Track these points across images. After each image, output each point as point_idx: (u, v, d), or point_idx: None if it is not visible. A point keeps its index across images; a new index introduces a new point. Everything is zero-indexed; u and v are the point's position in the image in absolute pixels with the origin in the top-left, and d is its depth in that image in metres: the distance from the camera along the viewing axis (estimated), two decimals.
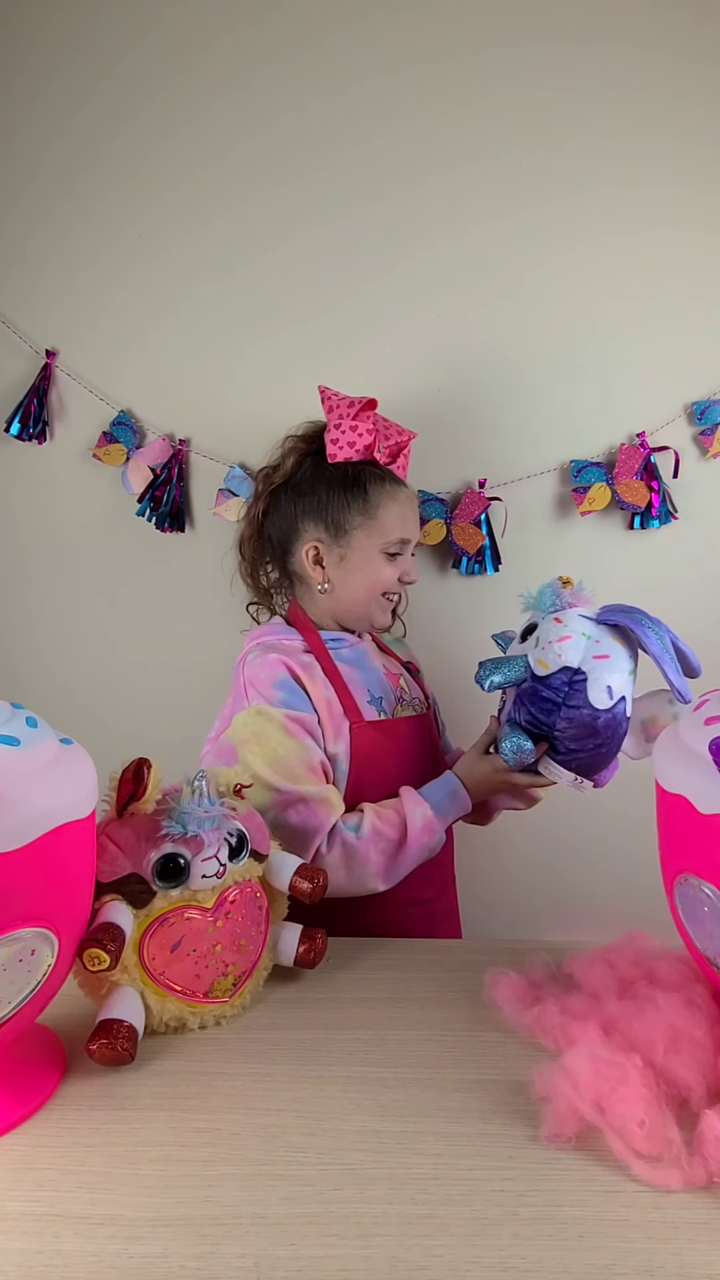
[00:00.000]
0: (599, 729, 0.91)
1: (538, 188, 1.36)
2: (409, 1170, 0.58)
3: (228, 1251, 0.51)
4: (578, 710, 0.90)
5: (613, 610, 0.93)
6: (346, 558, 1.08)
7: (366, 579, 1.09)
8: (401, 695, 1.13)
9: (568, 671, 0.90)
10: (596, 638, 0.91)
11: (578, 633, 0.91)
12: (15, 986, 0.61)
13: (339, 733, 1.03)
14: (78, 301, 1.43)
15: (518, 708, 0.94)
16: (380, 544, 1.08)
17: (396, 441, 1.12)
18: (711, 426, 1.36)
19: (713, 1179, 0.56)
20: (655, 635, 0.88)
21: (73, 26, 1.38)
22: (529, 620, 0.98)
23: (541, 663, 0.91)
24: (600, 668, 0.90)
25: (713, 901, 0.65)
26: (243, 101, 1.37)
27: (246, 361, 1.41)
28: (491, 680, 0.93)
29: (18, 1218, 0.54)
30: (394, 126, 1.37)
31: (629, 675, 0.92)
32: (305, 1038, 0.75)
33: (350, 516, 1.07)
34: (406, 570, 1.11)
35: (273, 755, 0.98)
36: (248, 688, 1.03)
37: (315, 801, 0.97)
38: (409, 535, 1.10)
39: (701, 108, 1.34)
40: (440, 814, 1.00)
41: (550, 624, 0.93)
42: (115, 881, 0.73)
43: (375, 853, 0.97)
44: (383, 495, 1.08)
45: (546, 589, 0.96)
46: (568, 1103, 0.60)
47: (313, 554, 1.09)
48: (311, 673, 1.04)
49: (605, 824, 1.39)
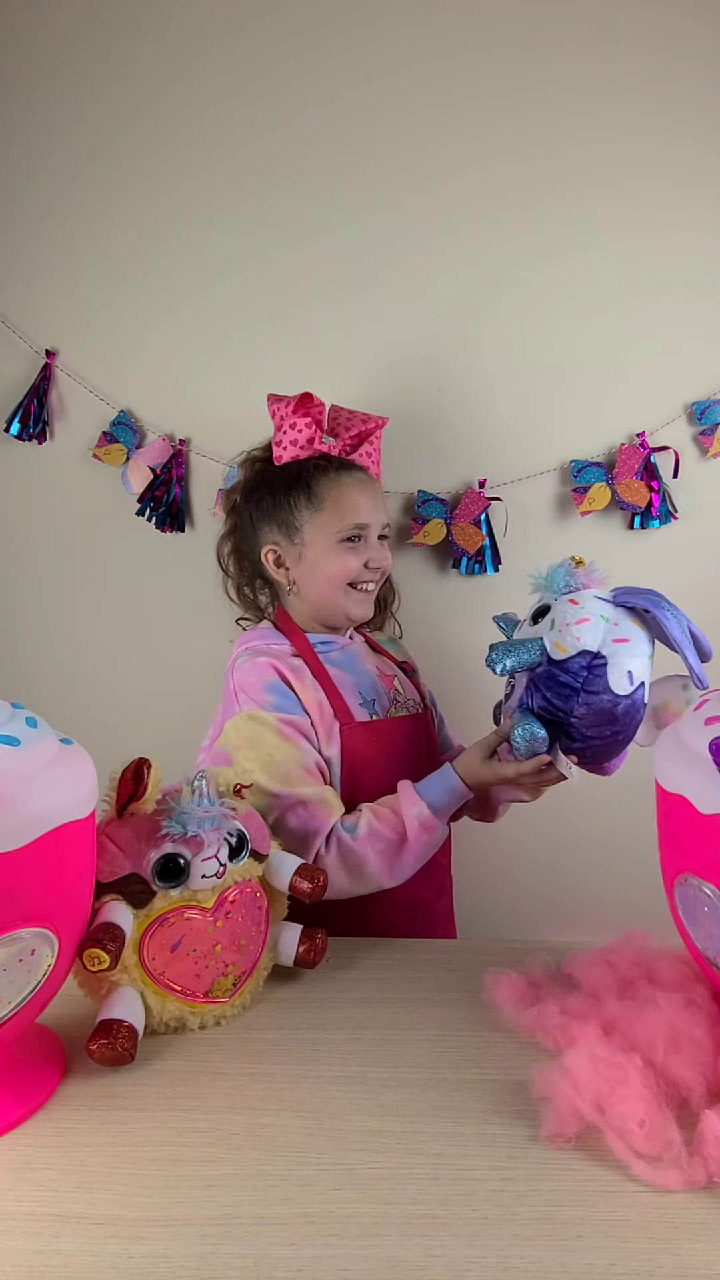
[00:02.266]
0: (618, 716, 0.87)
1: (538, 188, 1.36)
2: (409, 1170, 0.58)
3: (228, 1251, 0.51)
4: (597, 696, 0.86)
5: (630, 592, 0.89)
6: (304, 554, 1.07)
7: (327, 571, 1.06)
8: (395, 696, 1.12)
9: (586, 655, 0.86)
10: (615, 620, 0.87)
11: (596, 615, 0.87)
12: (15, 986, 0.61)
13: (330, 735, 1.02)
14: (78, 301, 1.42)
15: (531, 693, 0.90)
16: (334, 534, 1.06)
17: (360, 431, 1.11)
18: (711, 426, 1.36)
19: (713, 1179, 0.56)
20: (675, 619, 0.84)
21: (73, 27, 1.38)
22: (540, 602, 0.94)
23: (559, 646, 0.86)
24: (621, 652, 0.86)
25: (713, 901, 0.65)
26: (243, 102, 1.37)
27: (247, 361, 1.41)
28: (505, 664, 0.89)
29: (18, 1218, 0.54)
30: (394, 128, 1.37)
31: (648, 660, 0.88)
32: (305, 1038, 0.75)
33: (299, 513, 1.07)
34: (372, 557, 1.08)
35: (268, 759, 0.97)
36: (238, 693, 1.03)
37: (314, 803, 0.96)
38: (364, 520, 1.07)
39: (701, 108, 1.34)
40: (438, 811, 0.99)
41: (566, 605, 0.88)
42: (115, 881, 0.74)
43: (373, 853, 0.96)
44: (327, 484, 1.07)
45: (559, 569, 0.92)
46: (568, 1103, 0.60)
47: (273, 557, 1.09)
48: (301, 676, 1.03)
49: (605, 824, 1.39)
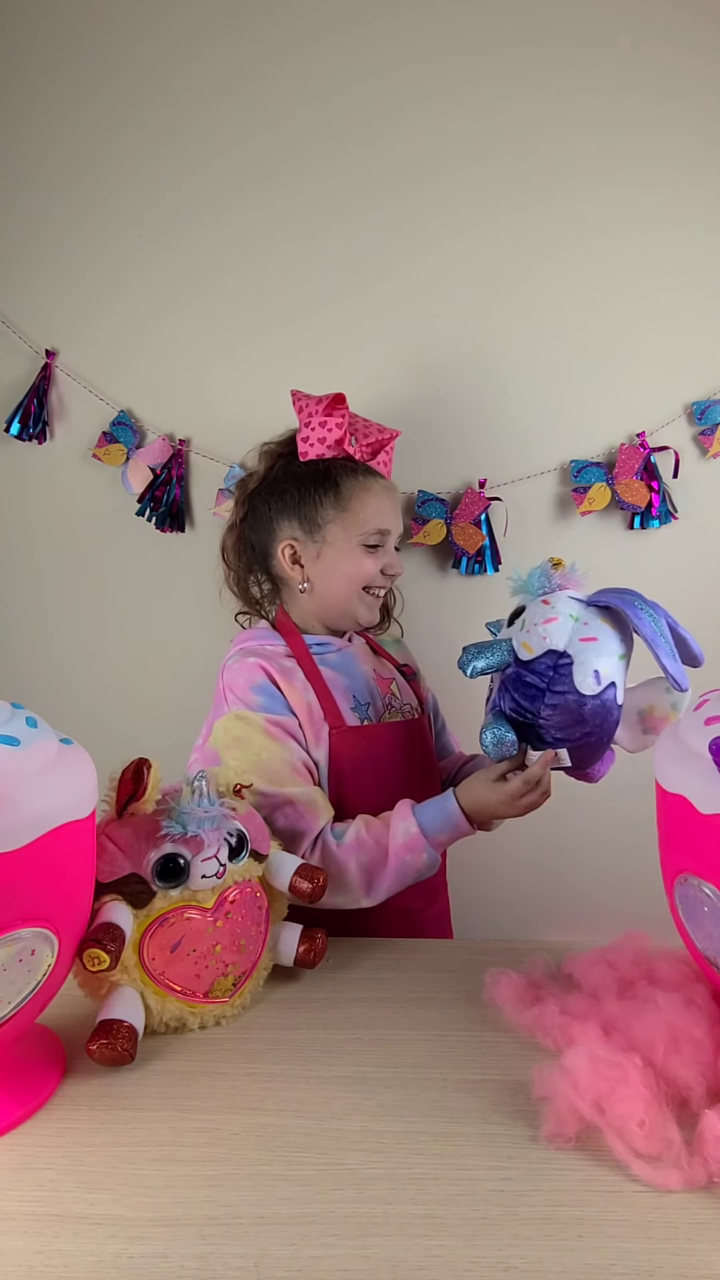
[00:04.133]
0: (586, 716, 0.86)
1: (537, 188, 1.36)
2: (409, 1170, 0.58)
3: (228, 1251, 0.51)
4: (563, 696, 0.85)
5: (605, 592, 0.88)
6: (323, 553, 1.07)
7: (345, 573, 1.06)
8: (391, 701, 1.11)
9: (553, 655, 0.85)
10: (585, 620, 0.86)
11: (564, 614, 0.86)
12: (15, 986, 0.61)
13: (319, 738, 1.02)
14: (78, 301, 1.43)
15: (502, 695, 0.90)
16: (357, 536, 1.06)
17: (378, 439, 1.11)
18: (711, 426, 1.36)
19: (713, 1179, 0.56)
20: (649, 618, 0.82)
21: (74, 27, 1.38)
22: (518, 604, 0.94)
23: (526, 646, 0.86)
24: (587, 651, 0.85)
25: (713, 901, 0.65)
26: (243, 102, 1.38)
27: (247, 362, 1.41)
28: (474, 666, 0.89)
29: (18, 1218, 0.54)
30: (394, 128, 1.37)
31: (619, 660, 0.87)
32: (305, 1038, 0.75)
33: (323, 511, 1.06)
34: (389, 563, 1.09)
35: (256, 759, 0.97)
36: (227, 693, 1.03)
37: (302, 804, 0.96)
38: (387, 526, 1.08)
39: (702, 108, 1.34)
40: (428, 833, 0.94)
41: (537, 606, 0.88)
42: (115, 881, 0.74)
43: (355, 864, 0.94)
44: (355, 487, 1.06)
45: (536, 571, 0.92)
46: (568, 1103, 0.60)
47: (290, 553, 1.08)
48: (291, 677, 1.03)
49: (605, 824, 1.39)
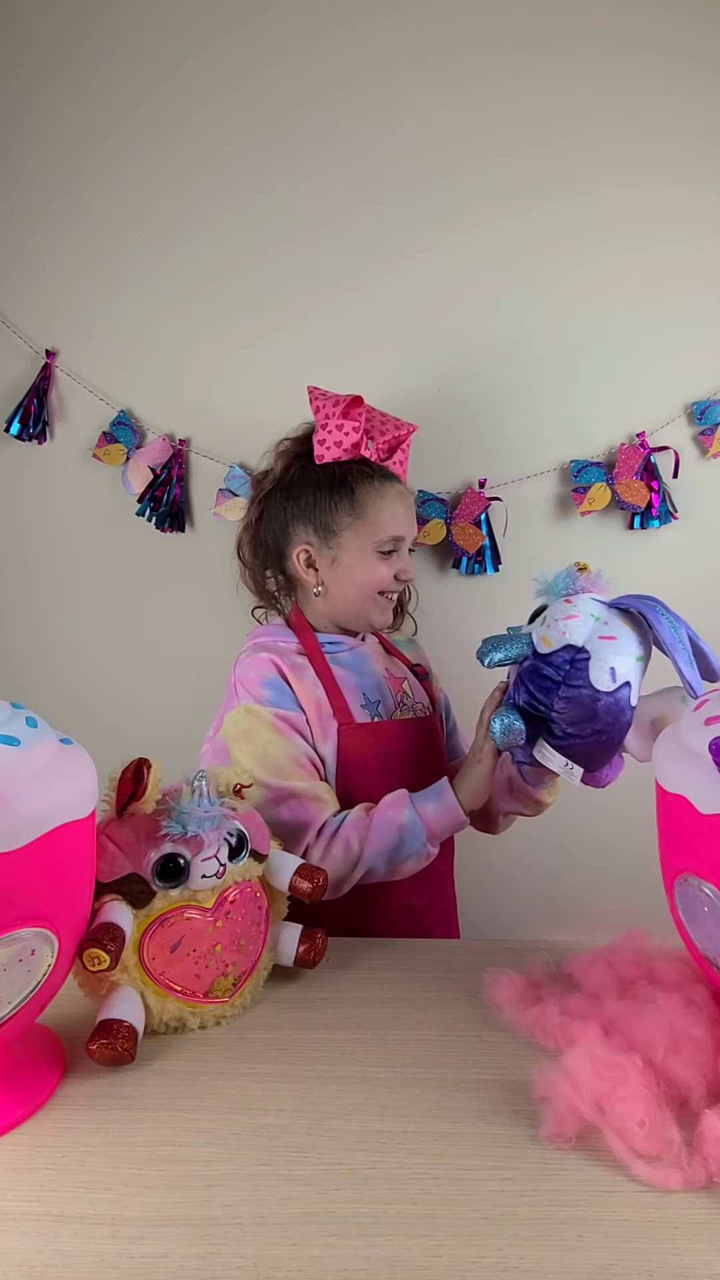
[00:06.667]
0: (599, 713, 0.86)
1: (538, 188, 1.36)
2: (409, 1170, 0.58)
3: (228, 1251, 0.51)
4: (578, 690, 0.86)
5: (628, 597, 0.90)
6: (338, 559, 1.08)
7: (360, 579, 1.07)
8: (402, 699, 1.12)
9: (570, 650, 0.87)
10: (606, 620, 0.88)
11: (586, 613, 0.88)
12: (15, 986, 0.61)
13: (326, 734, 1.03)
14: (78, 301, 1.43)
15: (517, 688, 0.92)
16: (371, 543, 1.07)
17: (394, 436, 1.11)
18: (711, 426, 1.36)
19: (713, 1179, 0.56)
20: (669, 624, 0.84)
21: (74, 27, 1.38)
22: (540, 604, 0.95)
23: (545, 640, 0.88)
24: (605, 648, 0.86)
25: (713, 901, 0.65)
26: (242, 101, 1.38)
27: (246, 361, 1.41)
28: (493, 657, 0.90)
29: (18, 1218, 0.54)
30: (394, 128, 1.37)
31: (636, 662, 0.88)
32: (305, 1038, 0.75)
33: (338, 518, 1.07)
34: (403, 568, 1.10)
35: (262, 753, 0.99)
36: (238, 686, 1.04)
37: (306, 797, 0.98)
38: (401, 532, 1.08)
39: (702, 107, 1.34)
40: (416, 801, 0.98)
41: (560, 604, 0.90)
42: (115, 881, 0.74)
43: (354, 837, 0.97)
44: (371, 494, 1.07)
45: (562, 573, 0.94)
46: (568, 1103, 0.60)
47: (304, 557, 1.09)
48: (301, 674, 1.04)
49: (605, 824, 1.39)
